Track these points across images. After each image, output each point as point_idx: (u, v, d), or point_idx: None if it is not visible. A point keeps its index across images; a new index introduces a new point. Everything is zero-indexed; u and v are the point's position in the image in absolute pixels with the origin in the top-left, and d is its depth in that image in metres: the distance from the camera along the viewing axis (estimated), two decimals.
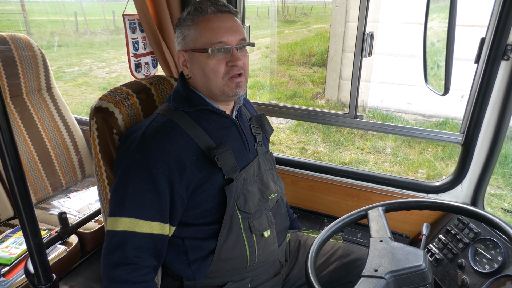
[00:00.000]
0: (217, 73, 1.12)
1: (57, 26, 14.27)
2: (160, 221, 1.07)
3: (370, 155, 4.81)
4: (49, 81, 2.25)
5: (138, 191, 1.04)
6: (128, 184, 1.05)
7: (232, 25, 1.12)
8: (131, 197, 1.04)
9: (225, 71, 1.12)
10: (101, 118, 1.17)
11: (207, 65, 1.12)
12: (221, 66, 1.11)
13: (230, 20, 1.13)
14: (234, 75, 1.12)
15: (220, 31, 1.10)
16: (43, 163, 2.15)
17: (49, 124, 2.21)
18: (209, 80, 1.14)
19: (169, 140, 1.08)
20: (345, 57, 6.30)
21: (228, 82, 1.13)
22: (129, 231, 1.03)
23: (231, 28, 1.12)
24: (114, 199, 1.07)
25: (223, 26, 1.11)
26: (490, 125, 1.53)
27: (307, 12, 20.60)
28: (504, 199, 3.76)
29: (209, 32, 1.10)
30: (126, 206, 1.04)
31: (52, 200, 2.13)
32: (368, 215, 1.16)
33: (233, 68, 1.12)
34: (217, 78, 1.12)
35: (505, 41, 1.38)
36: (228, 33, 1.11)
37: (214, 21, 1.11)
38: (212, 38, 1.10)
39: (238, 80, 1.14)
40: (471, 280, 1.38)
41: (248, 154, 1.25)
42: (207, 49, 1.10)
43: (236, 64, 1.11)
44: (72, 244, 1.74)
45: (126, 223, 1.03)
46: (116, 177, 1.09)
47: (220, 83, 1.13)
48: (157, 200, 1.05)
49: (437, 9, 1.50)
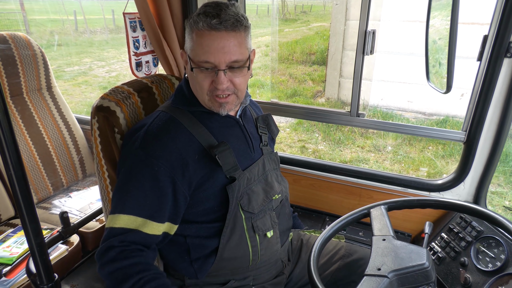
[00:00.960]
0: (202, 88, 1.10)
1: (57, 25, 14.25)
2: (158, 221, 1.06)
3: (371, 154, 4.81)
4: (49, 80, 2.24)
5: (139, 188, 1.04)
6: (130, 181, 1.05)
7: (224, 45, 1.03)
8: (132, 195, 1.04)
9: (209, 89, 1.10)
10: (103, 117, 1.17)
11: (196, 77, 1.10)
12: (205, 83, 1.09)
13: (223, 39, 1.03)
14: (217, 95, 1.10)
15: (208, 50, 1.04)
16: (44, 163, 2.14)
17: (50, 124, 2.21)
18: (196, 91, 1.14)
19: (171, 138, 1.08)
20: (345, 55, 6.29)
21: (212, 99, 1.12)
22: (127, 228, 1.03)
23: (222, 49, 1.04)
24: (116, 197, 1.07)
25: (213, 46, 1.03)
26: (493, 123, 1.52)
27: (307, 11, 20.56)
28: (505, 197, 3.76)
29: (198, 49, 1.05)
30: (127, 204, 1.04)
31: (53, 199, 2.12)
32: (371, 213, 1.16)
33: (216, 90, 1.09)
34: (203, 92, 1.11)
35: (508, 39, 1.37)
36: (217, 54, 1.04)
37: (205, 38, 1.04)
38: (200, 56, 1.05)
39: (222, 101, 1.11)
40: (473, 279, 1.37)
41: (252, 153, 1.24)
42: (191, 66, 1.08)
43: (218, 87, 1.07)
44: (74, 244, 1.74)
45: (125, 220, 1.03)
46: (119, 175, 1.09)
47: (205, 98, 1.12)
48: (158, 198, 1.05)
49: (439, 7, 1.49)
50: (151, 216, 1.05)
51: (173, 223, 1.11)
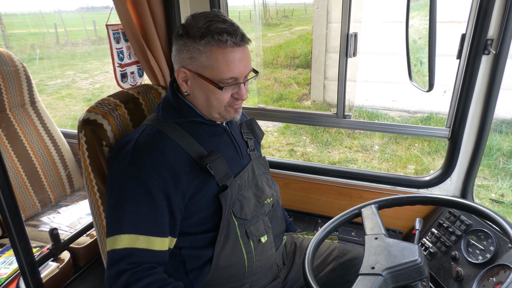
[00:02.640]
0: (221, 102, 1.12)
1: (37, 39, 14.04)
2: (160, 235, 1.05)
3: (359, 154, 4.86)
4: (33, 95, 2.21)
5: (135, 205, 1.03)
6: (123, 200, 1.03)
7: (244, 58, 1.08)
8: (128, 213, 1.02)
9: (229, 101, 1.13)
10: (90, 130, 1.15)
11: (213, 95, 1.10)
12: (226, 97, 1.12)
13: (244, 54, 1.08)
14: (236, 105, 1.15)
15: (234, 66, 1.06)
16: (31, 179, 2.10)
17: (35, 139, 2.17)
18: (211, 106, 1.14)
19: (160, 151, 1.07)
20: (329, 58, 6.37)
21: (229, 108, 1.15)
22: (130, 248, 1.01)
23: (243, 64, 1.09)
24: (111, 217, 1.05)
25: (237, 61, 1.06)
26: (475, 118, 1.56)
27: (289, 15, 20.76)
28: (491, 189, 3.84)
29: (222, 67, 1.05)
30: (125, 223, 1.02)
31: (42, 216, 2.08)
32: (362, 213, 1.17)
33: (237, 100, 1.14)
34: (220, 106, 1.13)
35: (485, 36, 1.41)
36: (240, 68, 1.08)
37: (229, 56, 1.05)
38: (225, 74, 1.06)
39: (238, 107, 1.16)
40: (465, 272, 1.40)
41: (241, 159, 1.25)
42: (218, 85, 1.08)
43: (242, 98, 1.14)
44: (64, 260, 1.70)
45: (126, 240, 1.01)
46: (111, 194, 1.07)
47: (222, 110, 1.14)
48: (154, 214, 1.04)
49: (417, 7, 1.53)
50: (152, 232, 1.04)
51: (173, 236, 1.10)
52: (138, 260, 1.01)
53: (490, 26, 1.40)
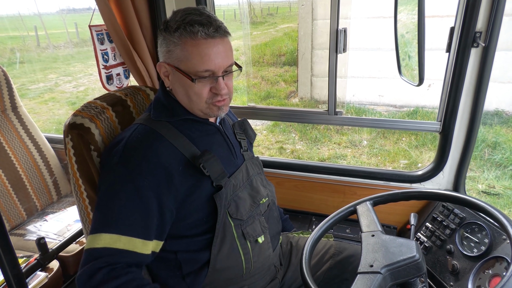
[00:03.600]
0: (200, 97, 1.09)
1: (17, 42, 13.70)
2: (143, 237, 1.01)
3: (348, 149, 4.88)
4: (14, 100, 2.13)
5: (122, 206, 0.99)
6: (111, 199, 1.00)
7: (221, 51, 1.05)
8: (114, 213, 0.99)
9: (208, 96, 1.09)
10: (77, 135, 1.11)
11: (191, 89, 1.08)
12: (204, 91, 1.08)
13: (220, 46, 1.05)
14: (218, 101, 1.10)
15: (208, 58, 1.04)
16: (15, 188, 2.03)
17: (18, 146, 2.10)
18: (191, 101, 1.11)
19: (153, 151, 1.04)
20: (315, 55, 6.38)
21: (211, 106, 1.11)
22: (109, 248, 0.96)
23: (220, 56, 1.05)
24: (96, 216, 1.01)
25: (212, 53, 1.04)
26: (466, 111, 1.57)
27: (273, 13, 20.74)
28: (477, 180, 3.90)
29: (196, 59, 1.04)
30: (109, 222, 0.98)
31: (28, 225, 2.02)
32: (357, 210, 1.16)
33: (217, 96, 1.09)
34: (200, 101, 1.10)
35: (473, 29, 1.41)
36: (216, 61, 1.05)
37: (203, 47, 1.03)
38: (199, 66, 1.04)
39: (221, 104, 1.11)
40: (461, 265, 1.41)
41: (235, 159, 1.22)
42: (192, 78, 1.05)
43: (220, 93, 1.08)
44: (53, 270, 1.65)
45: (107, 239, 0.97)
46: (99, 194, 1.04)
47: (203, 106, 1.11)
48: (142, 215, 1.01)
49: (405, 1, 1.53)
50: (135, 233, 0.99)
51: (159, 240, 1.07)
52: (116, 260, 0.97)
53: (479, 19, 1.40)
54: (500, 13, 1.36)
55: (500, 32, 1.41)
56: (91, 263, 0.96)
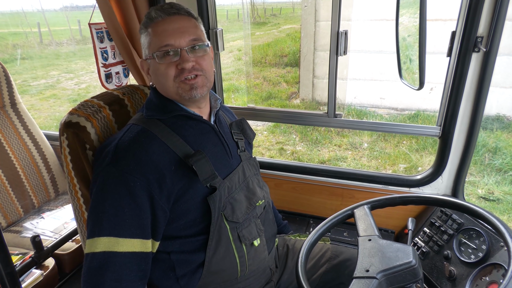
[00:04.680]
0: (167, 77, 1.09)
1: (20, 38, 13.72)
2: (141, 237, 1.00)
3: (348, 152, 4.87)
4: (13, 97, 2.13)
5: (115, 207, 0.98)
6: (104, 200, 0.99)
7: (180, 26, 1.08)
8: (108, 214, 0.98)
9: (175, 74, 1.09)
10: (72, 133, 1.11)
11: (158, 70, 1.10)
12: (171, 70, 1.08)
13: (178, 22, 1.09)
14: (186, 77, 1.09)
15: (166, 34, 1.07)
16: (12, 184, 2.03)
17: (16, 142, 2.09)
18: (163, 85, 1.12)
19: (145, 150, 1.03)
20: (317, 56, 6.37)
21: (181, 84, 1.09)
22: (109, 251, 0.96)
23: (179, 30, 1.08)
24: (91, 219, 1.00)
25: (169, 29, 1.08)
26: (465, 116, 1.56)
27: (277, 13, 20.76)
28: (477, 185, 3.88)
29: (156, 37, 1.08)
30: (104, 225, 0.97)
31: (24, 222, 2.01)
32: (355, 214, 1.15)
33: (183, 70, 1.08)
34: (169, 81, 1.10)
35: (475, 34, 1.40)
36: (174, 35, 1.07)
37: (160, 25, 1.08)
38: (159, 42, 1.07)
39: (192, 82, 1.09)
40: (458, 271, 1.39)
41: (230, 160, 1.21)
42: (153, 54, 1.08)
43: (184, 66, 1.07)
44: (49, 268, 1.64)
45: (105, 243, 0.96)
46: (92, 195, 1.03)
47: (173, 86, 1.10)
48: (136, 215, 1.00)
49: (406, 5, 1.52)
50: (133, 234, 0.99)
51: (155, 239, 1.06)
52: (118, 269, 0.96)
53: (480, 24, 1.39)
54: (502, 18, 1.35)
55: (502, 37, 1.40)
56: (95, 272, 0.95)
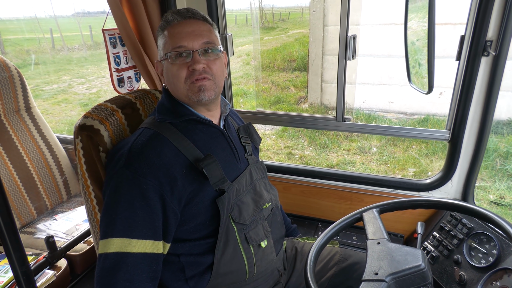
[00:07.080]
0: (179, 78, 1.12)
1: (33, 44, 13.99)
2: (153, 239, 1.03)
3: (357, 156, 4.85)
4: (28, 101, 2.18)
5: (128, 209, 1.01)
6: (118, 202, 1.01)
7: (194, 29, 1.13)
8: (121, 216, 1.00)
9: (186, 75, 1.12)
10: (86, 136, 1.14)
11: (170, 71, 1.13)
12: (182, 71, 1.11)
13: (193, 25, 1.13)
14: (196, 79, 1.11)
15: (180, 35, 1.11)
16: (26, 186, 2.07)
17: (30, 145, 2.14)
18: (174, 86, 1.15)
19: (157, 153, 1.06)
20: (326, 61, 6.37)
21: (191, 86, 1.12)
22: (122, 252, 0.99)
23: (193, 32, 1.12)
24: (105, 220, 1.03)
25: (184, 31, 1.12)
26: (475, 120, 1.55)
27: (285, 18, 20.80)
28: (488, 191, 3.83)
29: (171, 39, 1.12)
30: (117, 226, 1.00)
31: (38, 223, 2.05)
32: (363, 217, 1.16)
33: (194, 72, 1.11)
34: (180, 83, 1.12)
35: (484, 38, 1.40)
36: (188, 37, 1.11)
37: (176, 28, 1.13)
38: (173, 43, 1.11)
39: (200, 83, 1.12)
40: (468, 276, 1.39)
41: (239, 164, 1.23)
42: (166, 55, 1.12)
43: (195, 68, 1.10)
44: (61, 268, 1.68)
45: (118, 244, 0.99)
46: (105, 197, 1.05)
47: (183, 88, 1.13)
48: (149, 217, 1.02)
49: (415, 9, 1.52)
50: (146, 235, 1.01)
51: (166, 241, 1.08)
52: (130, 269, 0.98)
53: (489, 28, 1.39)
54: (511, 21, 1.35)
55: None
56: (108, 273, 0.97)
